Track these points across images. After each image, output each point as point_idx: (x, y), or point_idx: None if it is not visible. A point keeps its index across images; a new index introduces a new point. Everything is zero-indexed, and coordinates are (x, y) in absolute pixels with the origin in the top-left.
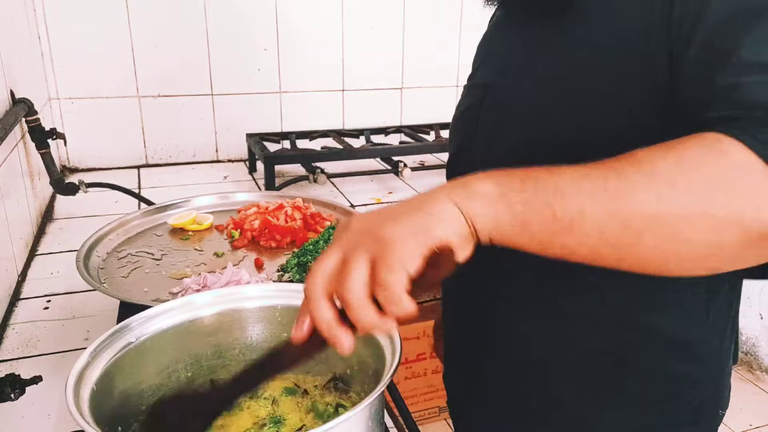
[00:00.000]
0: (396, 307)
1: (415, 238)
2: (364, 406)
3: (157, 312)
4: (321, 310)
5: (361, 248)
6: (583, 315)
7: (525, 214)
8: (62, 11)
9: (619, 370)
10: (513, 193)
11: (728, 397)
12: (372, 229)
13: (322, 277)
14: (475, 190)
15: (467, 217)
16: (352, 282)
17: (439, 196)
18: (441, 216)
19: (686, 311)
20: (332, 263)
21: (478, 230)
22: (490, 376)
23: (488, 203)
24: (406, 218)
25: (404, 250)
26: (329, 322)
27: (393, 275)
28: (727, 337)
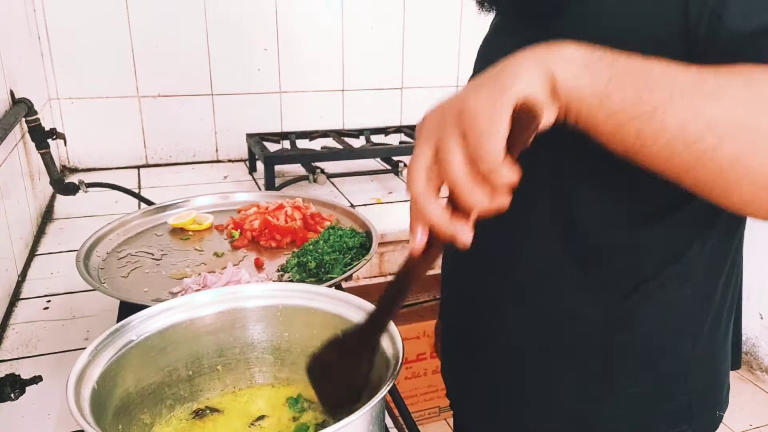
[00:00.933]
0: (500, 176)
1: (495, 99)
2: (366, 410)
3: (158, 311)
4: (432, 209)
5: (448, 129)
6: (580, 313)
7: (609, 87)
8: (62, 11)
9: (613, 366)
10: (601, 64)
11: (727, 397)
12: (451, 108)
13: (422, 174)
14: (562, 53)
15: (549, 73)
16: (454, 166)
17: (518, 57)
18: (520, 72)
19: (674, 310)
20: (427, 156)
21: (559, 90)
22: (486, 371)
23: (573, 66)
24: (484, 85)
25: (490, 115)
26: (444, 218)
27: (487, 144)
28: (722, 335)
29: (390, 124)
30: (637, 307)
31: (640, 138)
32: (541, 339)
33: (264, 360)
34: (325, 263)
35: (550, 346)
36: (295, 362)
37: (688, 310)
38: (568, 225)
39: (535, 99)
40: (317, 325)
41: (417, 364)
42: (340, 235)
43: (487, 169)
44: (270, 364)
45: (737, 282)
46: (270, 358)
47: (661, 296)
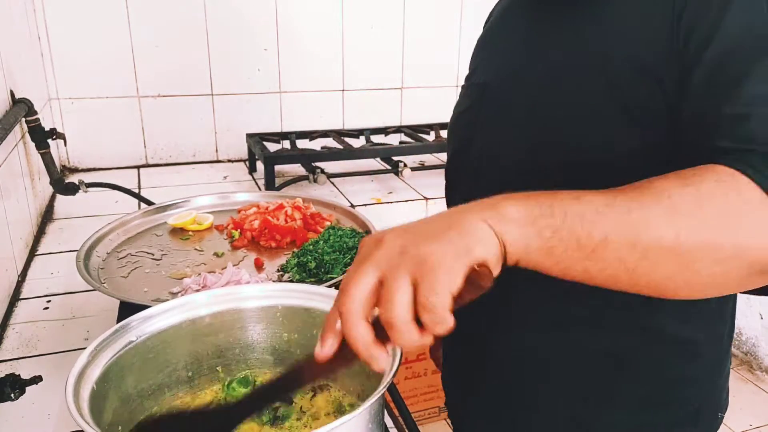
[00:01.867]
0: (440, 326)
1: (456, 258)
2: (365, 408)
3: (158, 311)
4: (359, 330)
5: (401, 269)
6: (583, 317)
7: (552, 240)
8: (62, 11)
9: (618, 371)
10: (542, 219)
11: (726, 399)
12: (410, 247)
13: (359, 296)
14: (507, 214)
15: (500, 239)
16: (397, 305)
17: (471, 216)
18: (477, 236)
19: (685, 313)
20: (369, 283)
21: (508, 253)
22: (489, 374)
23: (519, 227)
24: (444, 237)
25: (447, 271)
26: (368, 342)
27: (439, 297)
28: (725, 340)
29: (390, 124)
30: (641, 313)
31: (586, 274)
32: (543, 343)
33: (263, 360)
34: (325, 263)
35: (552, 350)
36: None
37: (695, 317)
38: None
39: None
40: (317, 326)
41: (417, 364)
42: (340, 235)
43: (431, 318)
44: (269, 364)
45: None
46: (270, 358)
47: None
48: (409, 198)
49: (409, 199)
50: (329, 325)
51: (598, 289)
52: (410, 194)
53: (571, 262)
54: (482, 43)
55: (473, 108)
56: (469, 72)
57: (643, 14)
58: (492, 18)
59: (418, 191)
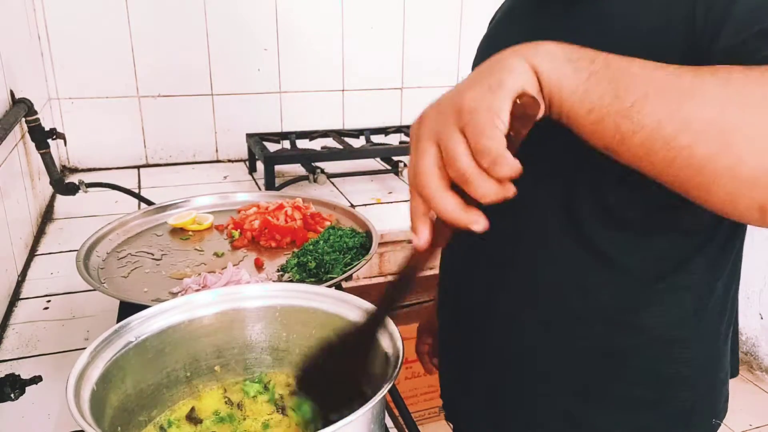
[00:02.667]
0: (503, 167)
1: (494, 94)
2: (367, 410)
3: (157, 311)
4: (448, 201)
5: (448, 126)
6: (578, 314)
7: (588, 83)
8: (62, 11)
9: (611, 370)
10: (581, 61)
11: (725, 406)
12: (449, 104)
13: (430, 171)
14: (545, 50)
15: (533, 69)
16: (461, 160)
17: (506, 54)
18: (512, 68)
19: (680, 312)
20: (432, 154)
21: (543, 86)
22: (484, 371)
23: (555, 62)
24: (478, 81)
25: (489, 109)
26: (459, 209)
27: (489, 138)
28: (721, 344)
29: (390, 124)
30: (636, 314)
31: (618, 133)
32: (539, 342)
33: (262, 360)
34: (325, 263)
35: (550, 348)
36: (294, 362)
37: (687, 318)
38: (570, 229)
39: (530, 93)
40: (316, 326)
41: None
42: (340, 235)
43: (490, 161)
44: (268, 364)
45: (736, 292)
46: (268, 358)
47: (661, 304)
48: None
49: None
50: (415, 213)
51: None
52: None
53: (604, 113)
54: (486, 43)
55: None
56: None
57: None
58: (496, 18)
59: None
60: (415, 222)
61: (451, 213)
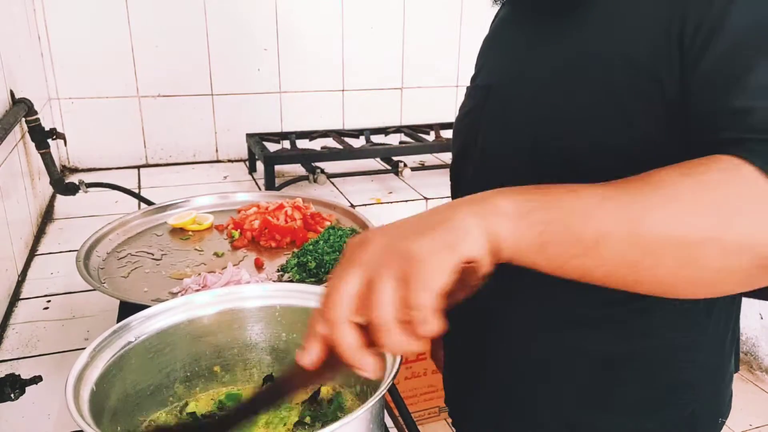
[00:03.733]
0: (428, 327)
1: (443, 254)
2: (366, 409)
3: (157, 311)
4: (346, 335)
5: (387, 267)
6: (581, 319)
7: (546, 235)
8: (62, 11)
9: (615, 375)
10: (535, 212)
11: (729, 405)
12: (395, 245)
13: (344, 300)
14: (497, 208)
15: (491, 234)
16: (382, 305)
17: (460, 211)
18: (466, 231)
19: (685, 318)
20: (354, 284)
21: (500, 249)
22: (488, 375)
23: (510, 221)
24: (430, 234)
25: (434, 268)
26: (355, 348)
27: (425, 295)
28: (727, 345)
29: (390, 124)
30: (644, 318)
31: (584, 269)
32: (541, 345)
33: (262, 360)
34: (325, 263)
35: (550, 352)
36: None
37: (695, 321)
38: None
39: (480, 262)
40: None
41: (417, 364)
42: (340, 235)
43: (417, 319)
44: (268, 364)
45: None
46: (268, 358)
47: (665, 307)
48: (409, 198)
49: (409, 199)
50: (312, 331)
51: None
52: (410, 194)
53: (567, 258)
54: (487, 44)
55: (477, 109)
56: (474, 73)
57: (642, 15)
58: (497, 20)
59: (418, 191)
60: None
61: (346, 348)
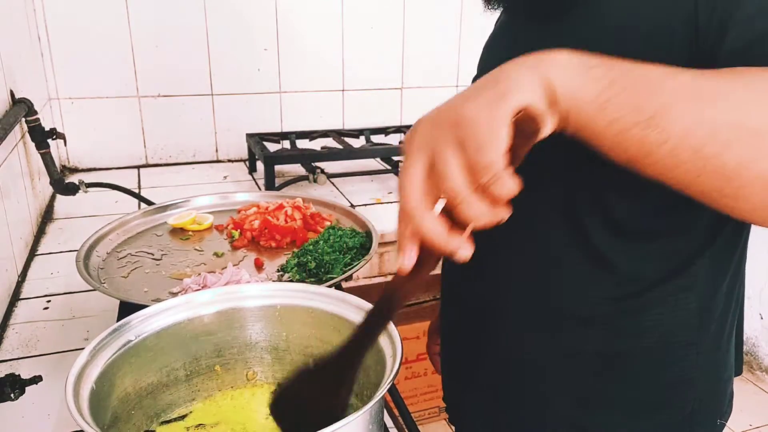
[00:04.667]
0: (502, 186)
1: (494, 107)
2: (365, 410)
3: (157, 310)
4: (429, 223)
5: (444, 140)
6: (581, 317)
7: (608, 93)
8: (62, 11)
9: (613, 374)
10: (598, 70)
11: (729, 406)
12: (446, 117)
13: (416, 188)
14: (558, 59)
15: (546, 81)
16: (452, 178)
17: (513, 65)
18: (518, 80)
19: (678, 319)
20: (421, 168)
21: (559, 98)
22: (486, 374)
23: (571, 71)
24: (480, 93)
25: (488, 123)
26: (442, 234)
27: (487, 153)
28: (724, 344)
29: (390, 124)
30: (639, 317)
31: (643, 146)
32: (539, 343)
33: (262, 360)
34: (325, 263)
35: (548, 350)
36: (294, 362)
37: (691, 320)
38: (572, 232)
39: (536, 108)
40: (316, 325)
41: (417, 364)
42: (340, 235)
43: (488, 180)
44: (268, 364)
45: (740, 292)
46: (268, 357)
47: (664, 306)
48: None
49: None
50: (402, 232)
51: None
52: None
53: (626, 124)
54: (488, 46)
55: None
56: (475, 75)
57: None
58: (499, 21)
59: None
60: (401, 241)
61: (434, 235)
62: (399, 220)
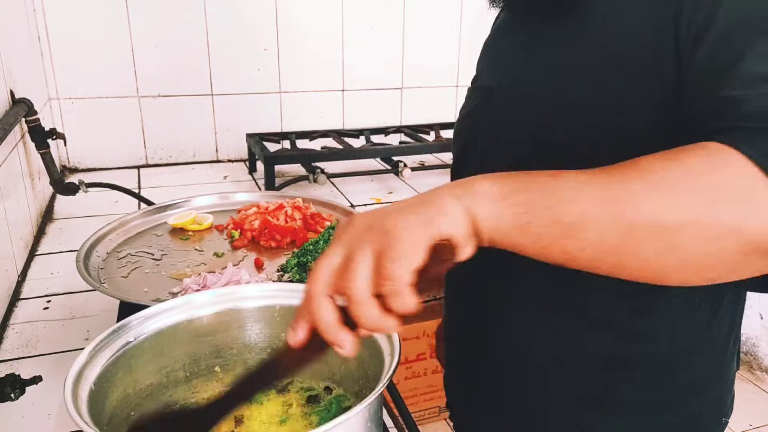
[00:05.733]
0: (400, 300)
1: (418, 229)
2: (363, 408)
3: (156, 311)
4: (322, 309)
5: (365, 243)
6: (585, 321)
7: (527, 216)
8: (62, 11)
9: (618, 377)
10: (515, 194)
11: (731, 405)
12: (375, 223)
13: (324, 274)
14: (478, 189)
15: (470, 214)
16: (357, 277)
17: (441, 193)
18: (444, 210)
19: (688, 320)
20: (335, 261)
21: (480, 229)
22: (490, 375)
23: (491, 202)
24: (409, 211)
25: (409, 241)
26: (331, 323)
27: (398, 266)
28: (731, 347)
29: (390, 124)
30: (647, 318)
31: (566, 254)
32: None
33: (262, 360)
34: None
35: (552, 354)
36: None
37: (702, 322)
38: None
39: (456, 239)
40: None
41: (417, 364)
42: None
43: (389, 290)
44: None
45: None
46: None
47: (672, 308)
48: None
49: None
50: (300, 310)
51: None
52: (410, 194)
53: (548, 240)
54: (487, 47)
55: (478, 110)
56: (475, 74)
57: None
58: (498, 21)
59: (418, 191)
60: (297, 318)
61: (322, 322)
62: (302, 299)
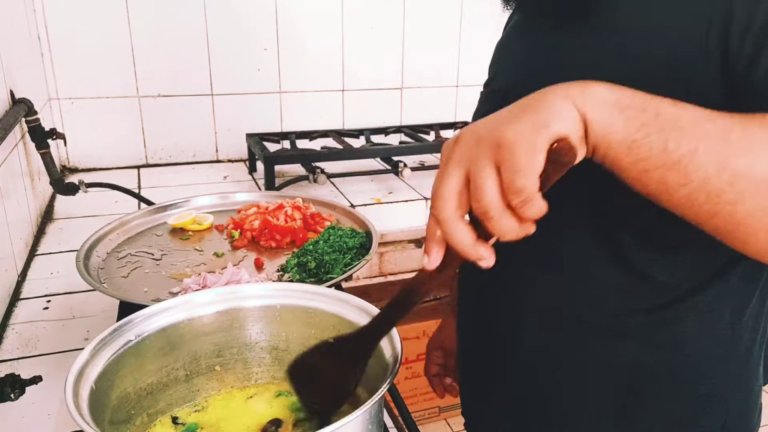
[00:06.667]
0: (532, 209)
1: (534, 134)
2: (364, 410)
3: (157, 310)
4: (459, 231)
5: (484, 158)
6: (610, 330)
7: (638, 134)
8: (62, 11)
9: (641, 388)
10: (632, 109)
11: (759, 417)
12: (487, 135)
13: (452, 198)
14: (595, 93)
15: (582, 113)
16: (487, 194)
17: (553, 93)
18: (556, 110)
19: (712, 330)
20: (456, 181)
21: (590, 133)
22: (509, 387)
23: (606, 109)
24: (521, 117)
25: (527, 149)
26: (470, 243)
27: (524, 178)
28: (756, 355)
29: (390, 124)
30: (671, 328)
31: (663, 185)
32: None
33: (262, 360)
34: (325, 263)
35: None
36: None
37: (723, 331)
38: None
39: (571, 140)
40: (316, 325)
41: (417, 364)
42: (340, 235)
43: (519, 202)
44: (268, 364)
45: None
46: (268, 357)
47: (696, 317)
48: (409, 198)
49: (409, 199)
50: (431, 235)
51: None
52: (410, 194)
53: (650, 165)
54: (500, 49)
55: None
56: (488, 78)
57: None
58: (511, 23)
59: (418, 191)
60: (429, 243)
61: (461, 244)
62: (429, 223)
